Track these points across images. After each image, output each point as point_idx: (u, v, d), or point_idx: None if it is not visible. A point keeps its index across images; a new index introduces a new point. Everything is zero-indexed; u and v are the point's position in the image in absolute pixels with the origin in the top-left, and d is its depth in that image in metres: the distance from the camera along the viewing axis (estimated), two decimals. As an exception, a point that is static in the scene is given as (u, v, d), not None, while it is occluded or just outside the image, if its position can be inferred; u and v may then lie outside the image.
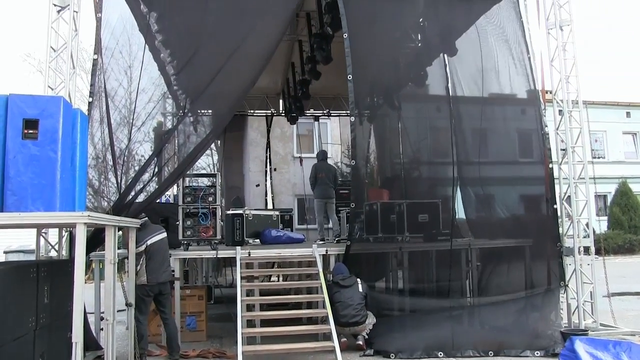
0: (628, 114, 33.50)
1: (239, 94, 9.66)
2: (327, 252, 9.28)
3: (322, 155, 12.66)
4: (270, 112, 19.06)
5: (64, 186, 5.39)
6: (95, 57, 8.65)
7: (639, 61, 67.32)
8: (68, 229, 7.94)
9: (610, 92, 68.15)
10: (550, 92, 10.21)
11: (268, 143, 20.27)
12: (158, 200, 10.06)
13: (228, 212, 11.64)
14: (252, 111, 18.86)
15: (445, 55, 10.33)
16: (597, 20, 63.03)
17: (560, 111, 10.03)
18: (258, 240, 11.78)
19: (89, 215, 5.20)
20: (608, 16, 67.43)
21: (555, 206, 9.44)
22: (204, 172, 25.14)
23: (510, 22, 10.07)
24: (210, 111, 10.10)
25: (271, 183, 20.18)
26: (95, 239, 7.23)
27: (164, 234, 8.11)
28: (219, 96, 9.14)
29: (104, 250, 6.49)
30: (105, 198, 8.66)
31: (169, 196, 15.73)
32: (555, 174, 9.86)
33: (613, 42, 66.51)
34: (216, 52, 8.88)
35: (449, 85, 10.06)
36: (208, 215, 9.51)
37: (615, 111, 32.59)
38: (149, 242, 7.72)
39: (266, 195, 20.11)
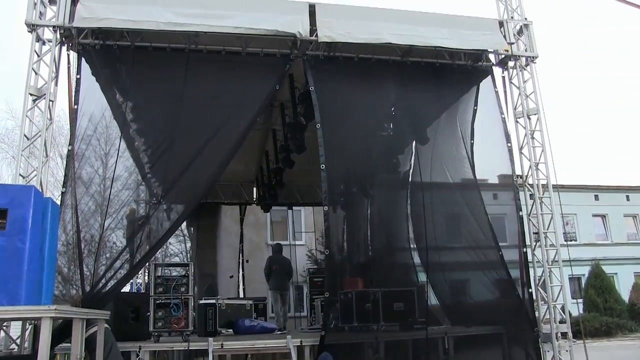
0: (596, 197, 34.41)
1: (211, 183, 9.72)
2: (301, 343, 9.03)
3: (277, 248, 13.41)
4: (244, 200, 19.04)
5: (31, 277, 5.24)
6: (70, 147, 8.67)
7: (604, 145, 69.95)
8: (33, 321, 7.64)
9: (579, 175, 70.31)
10: (521, 177, 10.45)
11: (241, 232, 20.13)
12: (128, 290, 9.83)
13: (200, 301, 11.36)
14: (226, 200, 18.80)
15: (417, 143, 10.61)
16: (563, 108, 65.83)
17: (531, 195, 10.24)
18: (231, 330, 11.44)
19: (55, 309, 5.02)
20: (575, 103, 70.54)
21: (530, 290, 9.44)
22: (176, 258, 24.88)
23: (486, 108, 10.47)
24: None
25: (243, 274, 19.83)
26: (63, 331, 6.96)
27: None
28: (192, 186, 9.20)
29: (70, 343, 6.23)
30: (74, 286, 8.46)
31: (140, 284, 15.37)
32: (529, 258, 9.92)
33: (580, 126, 69.26)
34: (190, 142, 9.01)
35: (421, 172, 10.26)
36: (180, 306, 9.25)
37: (584, 194, 33.45)
38: None
39: (239, 285, 19.72)
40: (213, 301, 11.28)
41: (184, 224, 19.81)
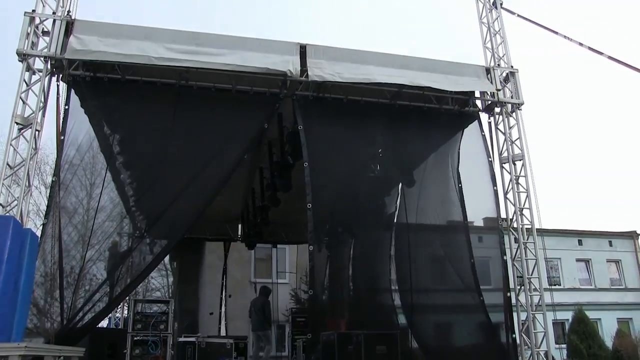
0: (580, 242, 34.58)
1: (194, 218, 9.66)
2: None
3: (260, 291, 13.63)
4: (228, 237, 18.87)
5: (3, 312, 5.11)
6: (55, 178, 8.59)
7: (587, 191, 70.73)
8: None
9: (563, 219, 70.80)
10: (505, 220, 10.51)
11: (225, 269, 19.89)
12: (106, 325, 9.63)
13: (180, 339, 11.16)
14: (210, 236, 18.61)
15: (403, 185, 10.66)
16: (549, 152, 66.69)
17: (515, 240, 10.29)
18: (210, 370, 11.22)
19: (25, 347, 4.89)
20: (559, 150, 71.56)
21: (514, 336, 9.38)
22: (158, 293, 24.47)
23: (474, 151, 10.58)
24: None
25: (225, 310, 19.51)
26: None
27: None
28: (177, 221, 9.15)
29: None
30: (49, 319, 8.26)
31: (119, 319, 15.07)
32: (513, 302, 9.91)
33: (565, 171, 70.10)
34: (177, 177, 9.00)
35: (407, 214, 10.28)
36: (158, 344, 9.12)
37: (569, 239, 33.64)
38: None
39: (220, 323, 19.35)
40: (193, 339, 11.09)
41: (167, 258, 19.58)
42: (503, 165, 10.73)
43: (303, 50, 9.56)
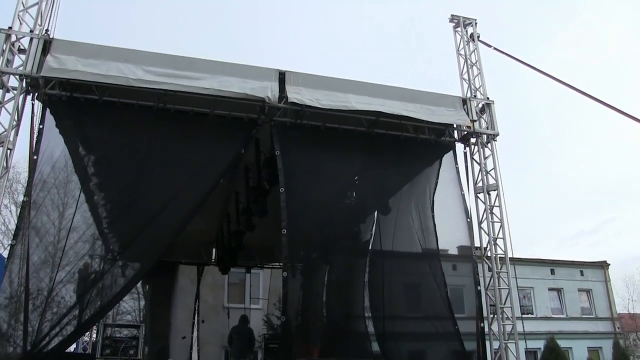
0: (552, 271, 34.97)
1: (168, 242, 9.55)
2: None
3: (241, 320, 13.87)
4: (202, 261, 18.63)
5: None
6: (26, 198, 8.44)
7: (558, 222, 71.75)
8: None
9: (537, 248, 71.65)
10: (478, 249, 10.58)
11: (197, 293, 19.60)
12: (73, 350, 9.39)
13: (150, 365, 10.94)
14: (183, 259, 18.34)
15: (379, 213, 10.70)
16: (522, 185, 67.63)
17: (489, 269, 10.37)
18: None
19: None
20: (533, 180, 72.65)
21: (487, 365, 9.41)
22: (129, 317, 23.93)
23: (449, 181, 10.69)
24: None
25: (197, 335, 19.19)
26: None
27: None
28: (151, 244, 9.04)
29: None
30: (12, 344, 8.02)
31: (87, 343, 14.73)
32: (486, 331, 9.94)
33: (538, 200, 71.06)
34: (152, 200, 8.91)
35: (381, 241, 10.31)
36: (127, 370, 8.90)
37: (541, 268, 34.03)
38: None
39: (191, 348, 19.00)
40: (163, 364, 10.88)
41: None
42: (478, 195, 10.85)
43: (282, 76, 9.60)
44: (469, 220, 10.29)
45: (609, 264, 36.81)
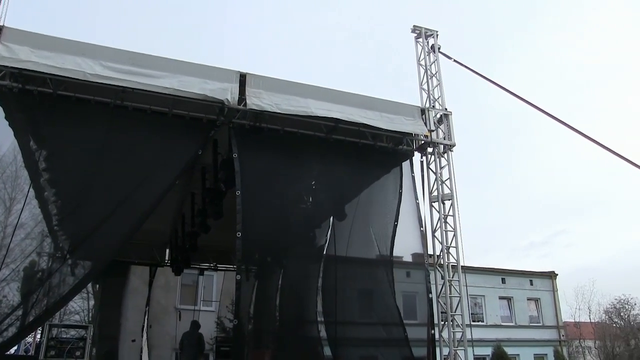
0: (503, 280, 35.80)
1: (121, 242, 9.38)
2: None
3: (194, 324, 14.32)
4: (155, 262, 18.35)
5: None
6: (-32, 194, 8.16)
7: (510, 233, 73.51)
8: None
9: (488, 259, 73.26)
10: (431, 257, 10.75)
11: (149, 295, 19.26)
12: (13, 352, 9.08)
13: (97, 367, 10.69)
14: (136, 259, 18.01)
15: (334, 218, 10.75)
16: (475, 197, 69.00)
17: (442, 277, 10.54)
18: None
19: None
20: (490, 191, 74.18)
21: (436, 371, 9.55)
22: (77, 317, 23.32)
23: (404, 190, 10.77)
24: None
25: (147, 338, 18.85)
26: None
27: None
28: (104, 243, 8.85)
29: None
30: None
31: (30, 344, 14.29)
32: (437, 337, 10.10)
33: (492, 210, 72.58)
34: (106, 199, 8.73)
35: (335, 247, 10.35)
36: (72, 373, 8.67)
37: (493, 277, 34.81)
38: None
39: (141, 352, 18.63)
40: (111, 367, 10.67)
41: (88, 279, 18.75)
42: (432, 204, 11.02)
43: (243, 78, 9.52)
44: (422, 229, 10.44)
45: (557, 274, 38.01)
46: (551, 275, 37.87)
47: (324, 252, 11.03)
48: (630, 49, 76.69)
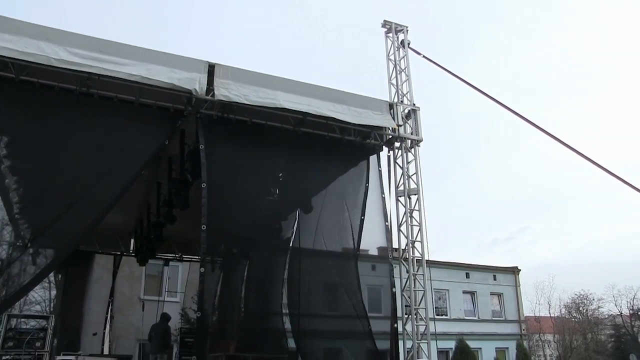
0: (467, 275, 36.32)
1: (85, 231, 9.23)
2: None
3: (163, 316, 14.28)
4: (119, 251, 18.13)
5: None
6: None
7: (475, 229, 74.67)
8: None
9: (453, 253, 74.29)
10: (397, 250, 10.86)
11: (113, 285, 19.01)
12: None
13: (58, 357, 10.55)
14: (100, 249, 17.77)
15: (300, 211, 10.77)
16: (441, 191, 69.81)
17: (406, 270, 10.66)
18: (90, 390, 10.69)
19: None
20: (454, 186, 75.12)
21: (398, 364, 9.67)
22: (38, 307, 22.93)
23: (370, 185, 10.84)
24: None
25: (110, 330, 18.61)
26: None
27: None
28: (65, 233, 8.70)
29: None
30: None
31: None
32: (400, 331, 10.22)
33: (458, 206, 73.55)
34: (69, 187, 8.58)
35: (300, 239, 10.38)
36: (32, 363, 8.52)
37: (457, 272, 35.29)
38: None
39: (103, 344, 18.38)
40: (72, 357, 10.53)
41: (50, 268, 18.41)
42: (399, 198, 11.12)
43: (211, 69, 9.46)
44: (387, 223, 10.52)
45: (520, 270, 38.69)
46: (514, 271, 38.56)
47: (290, 245, 11.06)
48: (598, 50, 78.38)
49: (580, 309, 48.34)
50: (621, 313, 47.14)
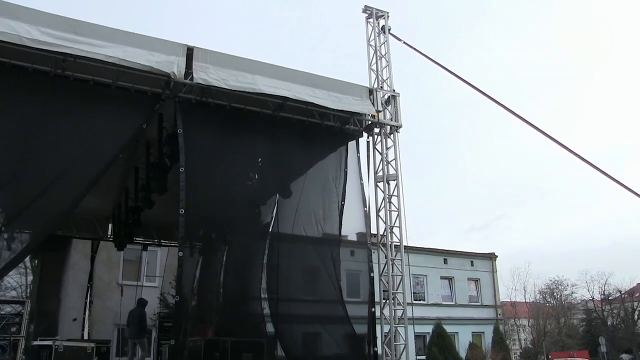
0: (445, 261, 36.75)
1: (62, 216, 9.12)
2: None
3: (139, 302, 14.40)
4: (97, 236, 17.93)
5: None
6: None
7: (453, 216, 75.36)
8: None
9: (431, 240, 75.07)
10: (375, 236, 10.92)
11: (91, 270, 18.85)
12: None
13: (34, 342, 10.46)
14: (77, 234, 17.53)
15: (279, 196, 10.76)
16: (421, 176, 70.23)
17: (385, 255, 10.73)
18: (67, 375, 10.60)
19: None
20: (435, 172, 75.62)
21: (375, 349, 9.75)
22: (13, 292, 22.64)
23: (350, 170, 10.88)
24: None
25: (89, 315, 18.49)
26: None
27: None
28: (41, 217, 8.58)
29: None
30: None
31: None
32: (378, 315, 10.31)
33: (438, 192, 74.16)
34: (45, 170, 8.44)
35: (279, 224, 10.39)
36: (6, 348, 8.43)
37: (435, 257, 35.68)
38: None
39: (83, 329, 18.26)
40: (49, 343, 10.45)
41: (26, 253, 18.18)
42: (377, 184, 11.16)
43: (190, 52, 9.34)
44: (365, 209, 10.56)
45: (497, 256, 39.25)
46: (491, 257, 39.11)
47: (270, 230, 11.06)
48: (582, 39, 79.14)
49: (555, 294, 49.27)
50: (593, 298, 48.21)
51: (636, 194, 8.64)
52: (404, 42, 12.39)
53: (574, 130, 69.92)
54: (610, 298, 47.36)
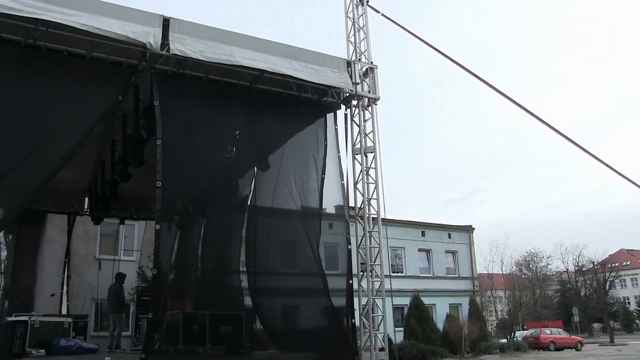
0: (423, 233, 37.17)
1: (36, 190, 8.99)
2: (119, 366, 8.63)
3: (117, 276, 14.46)
4: (73, 210, 17.74)
5: None
6: None
7: (432, 188, 75.95)
8: None
9: (410, 212, 75.73)
10: (353, 208, 10.97)
11: (68, 245, 18.68)
12: None
13: (9, 318, 10.39)
14: (53, 208, 17.33)
15: (257, 169, 10.74)
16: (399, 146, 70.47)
17: (362, 228, 10.80)
18: (44, 350, 10.55)
19: None
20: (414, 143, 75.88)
21: (353, 321, 9.87)
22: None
23: (328, 142, 10.86)
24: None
25: (67, 290, 18.38)
26: None
27: None
28: (15, 191, 8.44)
29: None
30: None
31: None
32: (355, 287, 10.41)
33: (411, 166, 74.56)
34: (18, 144, 8.28)
35: (256, 197, 10.37)
36: (-20, 324, 8.36)
37: (413, 230, 36.06)
38: None
39: (61, 304, 18.15)
40: (25, 318, 10.38)
41: (-1, 228, 17.94)
42: (355, 156, 11.18)
43: (166, 23, 9.18)
44: (343, 182, 10.59)
45: (474, 229, 39.80)
46: (468, 230, 39.66)
47: (248, 203, 11.04)
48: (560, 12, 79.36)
49: (530, 266, 50.32)
50: (567, 269, 49.37)
51: (608, 166, 8.80)
52: (382, 14, 12.33)
53: (555, 103, 70.52)
54: (583, 269, 48.55)
